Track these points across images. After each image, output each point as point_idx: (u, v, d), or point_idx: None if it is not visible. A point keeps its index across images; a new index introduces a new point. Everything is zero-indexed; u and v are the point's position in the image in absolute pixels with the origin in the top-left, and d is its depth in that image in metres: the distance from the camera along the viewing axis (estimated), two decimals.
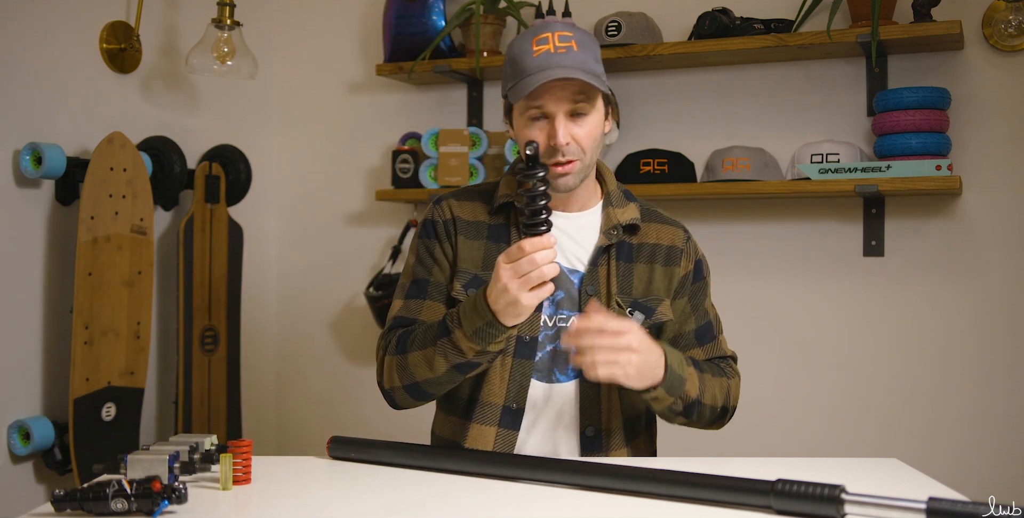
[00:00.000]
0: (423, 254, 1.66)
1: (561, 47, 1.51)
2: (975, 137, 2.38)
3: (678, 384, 1.49)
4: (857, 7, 2.36)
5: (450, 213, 1.67)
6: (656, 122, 2.68)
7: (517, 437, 1.58)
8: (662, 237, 1.66)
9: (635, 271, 1.62)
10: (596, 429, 1.58)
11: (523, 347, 1.58)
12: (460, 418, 1.63)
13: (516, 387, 1.58)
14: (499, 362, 1.58)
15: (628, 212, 1.65)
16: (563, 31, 1.53)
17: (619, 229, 1.62)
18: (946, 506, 1.09)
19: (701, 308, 1.69)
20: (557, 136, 1.51)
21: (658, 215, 1.70)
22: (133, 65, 2.51)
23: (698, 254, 1.71)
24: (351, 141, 3.02)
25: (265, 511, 1.26)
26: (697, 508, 1.22)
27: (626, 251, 1.63)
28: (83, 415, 2.22)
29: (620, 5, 2.64)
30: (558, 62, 1.50)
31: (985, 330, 2.38)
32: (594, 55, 1.55)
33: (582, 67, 1.50)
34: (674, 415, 1.56)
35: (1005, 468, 2.34)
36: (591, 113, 1.54)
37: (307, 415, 3.07)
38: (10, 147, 2.18)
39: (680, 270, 1.65)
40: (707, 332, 1.69)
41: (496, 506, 1.27)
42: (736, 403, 1.66)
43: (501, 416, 1.58)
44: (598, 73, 1.54)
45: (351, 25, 3.03)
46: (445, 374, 1.52)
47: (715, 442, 2.57)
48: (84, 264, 2.22)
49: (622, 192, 1.69)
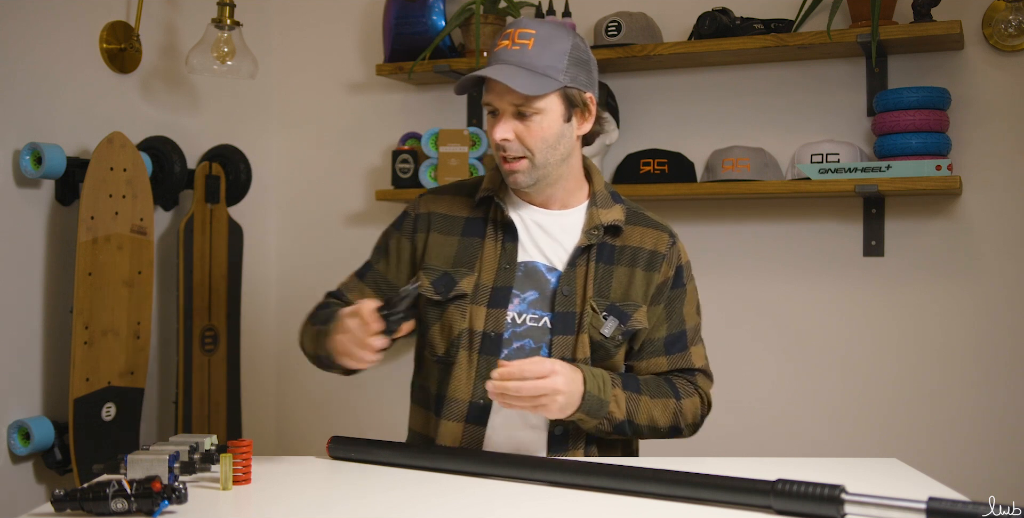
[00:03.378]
0: (382, 242, 1.75)
1: (517, 44, 1.52)
2: (975, 137, 2.38)
3: (598, 407, 1.51)
4: (857, 7, 2.36)
5: (426, 208, 1.70)
6: (656, 122, 2.68)
7: (484, 433, 1.59)
8: (645, 241, 1.65)
9: (615, 274, 1.62)
10: (564, 428, 1.59)
11: (489, 343, 1.59)
12: (430, 413, 1.65)
13: (482, 383, 1.58)
14: (465, 358, 1.59)
15: (612, 213, 1.64)
16: (527, 28, 1.53)
17: (600, 230, 1.62)
18: (946, 506, 1.09)
19: (677, 316, 1.68)
20: (494, 133, 1.55)
21: (644, 218, 1.69)
22: (133, 65, 2.51)
23: (681, 260, 1.69)
24: (351, 141, 3.02)
25: (265, 511, 1.26)
26: (697, 508, 1.22)
27: (607, 253, 1.62)
28: (83, 415, 2.22)
29: (620, 5, 2.64)
30: (505, 59, 1.52)
31: (985, 330, 2.38)
32: (555, 54, 1.53)
33: (528, 66, 1.50)
34: (605, 434, 1.57)
35: (1005, 468, 2.34)
36: (539, 113, 1.53)
37: (307, 415, 3.07)
38: (10, 147, 2.18)
39: (659, 276, 1.64)
40: (677, 341, 1.68)
41: (496, 506, 1.27)
42: (695, 421, 1.65)
43: (468, 412, 1.59)
44: (551, 73, 1.52)
45: (351, 25, 3.03)
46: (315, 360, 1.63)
47: (715, 442, 2.57)
48: (84, 264, 2.22)
49: (609, 193, 1.69)
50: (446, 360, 1.62)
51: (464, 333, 1.60)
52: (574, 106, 1.57)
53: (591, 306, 1.58)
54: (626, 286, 1.62)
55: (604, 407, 1.52)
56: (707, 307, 2.65)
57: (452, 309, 1.61)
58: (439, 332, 1.63)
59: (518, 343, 1.59)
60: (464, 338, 1.60)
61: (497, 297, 1.60)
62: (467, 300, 1.60)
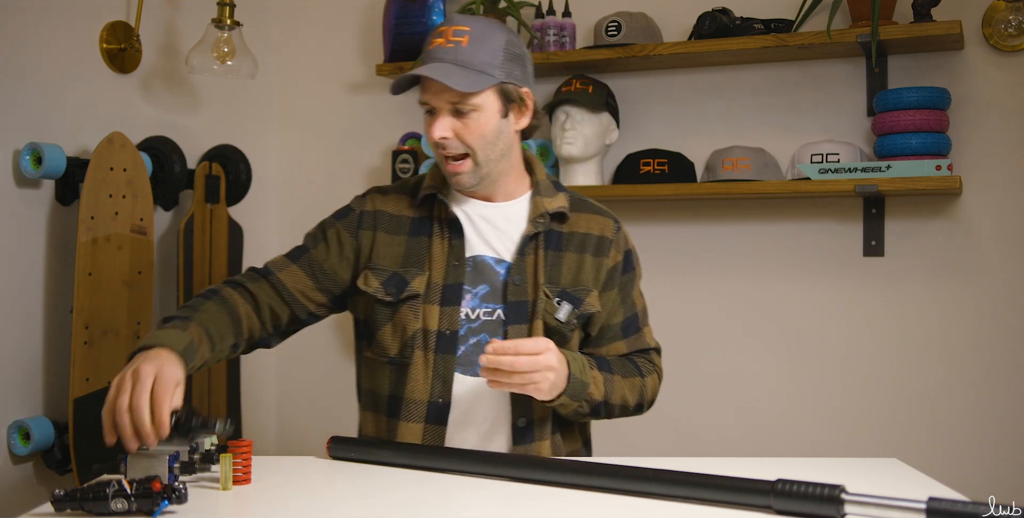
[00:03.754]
0: (318, 231, 1.71)
1: (452, 42, 1.52)
2: (975, 137, 2.38)
3: (580, 389, 1.52)
4: (857, 7, 2.36)
5: (372, 206, 1.69)
6: (656, 122, 2.68)
7: (445, 432, 1.59)
8: (592, 227, 1.66)
9: (564, 260, 1.63)
10: (528, 420, 1.59)
11: (444, 342, 1.58)
12: (386, 416, 1.63)
13: (440, 382, 1.58)
14: (421, 358, 1.59)
15: (556, 201, 1.65)
16: (460, 25, 1.54)
17: (546, 217, 1.62)
18: (946, 506, 1.09)
19: (629, 299, 1.70)
20: (431, 131, 1.55)
21: (589, 205, 1.71)
22: (133, 65, 2.51)
23: (628, 245, 1.71)
24: (351, 141, 3.02)
25: (265, 511, 1.26)
26: (697, 508, 1.22)
27: (555, 240, 1.63)
28: (83, 415, 2.22)
29: (620, 5, 2.64)
30: (440, 57, 1.52)
31: (985, 330, 2.38)
32: (490, 50, 1.53)
33: (462, 63, 1.51)
34: (581, 417, 1.59)
35: (1005, 468, 2.34)
36: (477, 110, 1.54)
37: (307, 415, 3.07)
38: (10, 147, 2.18)
39: (608, 261, 1.66)
40: (632, 324, 1.70)
41: (495, 506, 1.27)
42: (653, 397, 1.70)
43: (427, 412, 1.59)
44: (486, 69, 1.52)
45: (351, 25, 3.03)
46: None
47: (715, 442, 2.57)
48: (84, 264, 2.21)
49: (552, 183, 1.70)
50: (400, 361, 1.61)
51: (419, 333, 1.59)
52: (511, 101, 1.58)
53: (544, 292, 1.59)
54: (576, 272, 1.63)
55: (585, 389, 1.53)
56: (708, 307, 2.66)
57: (405, 309, 1.60)
58: (390, 333, 1.62)
59: (474, 339, 1.59)
60: (419, 338, 1.59)
61: (449, 295, 1.60)
62: (420, 300, 1.59)
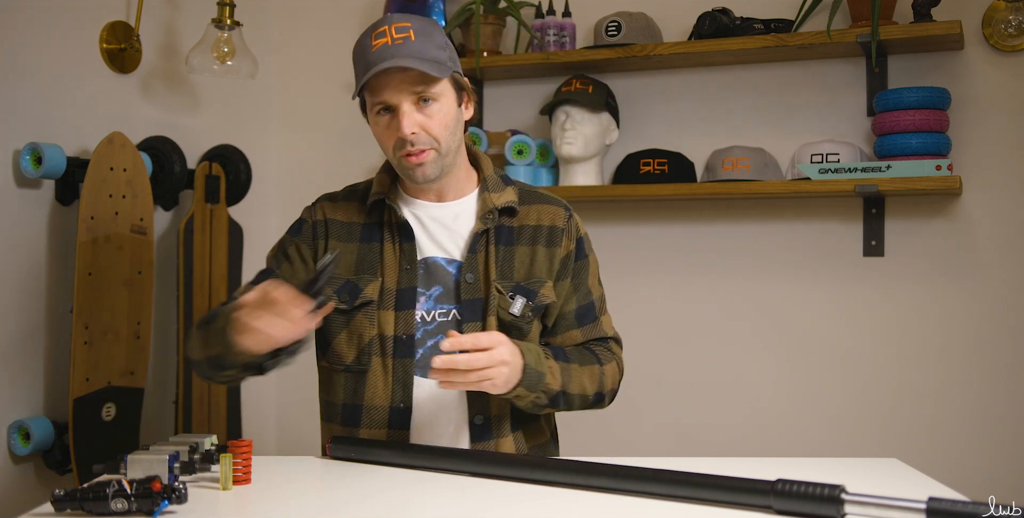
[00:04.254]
0: (278, 251, 1.71)
1: (398, 38, 1.51)
2: (975, 137, 2.38)
3: (537, 380, 1.50)
4: (857, 7, 2.36)
5: (323, 215, 1.69)
6: (656, 122, 2.68)
7: (409, 436, 1.58)
8: (543, 217, 1.65)
9: (516, 254, 1.62)
10: (485, 417, 1.59)
11: (401, 346, 1.58)
12: (347, 426, 1.63)
13: (401, 387, 1.58)
14: (379, 364, 1.59)
15: (505, 196, 1.64)
16: (400, 22, 1.54)
17: (495, 213, 1.62)
18: (946, 506, 1.09)
19: (583, 287, 1.68)
20: (402, 127, 1.52)
21: (538, 195, 1.70)
22: (133, 65, 2.51)
23: (579, 232, 1.70)
24: (351, 141, 3.02)
25: (265, 511, 1.26)
26: (697, 508, 1.22)
27: (505, 235, 1.63)
28: (83, 415, 2.22)
29: (620, 5, 2.64)
30: (394, 53, 1.50)
31: (985, 330, 2.38)
32: (435, 43, 1.54)
33: (419, 55, 1.50)
34: (540, 408, 1.56)
35: (1005, 468, 2.34)
36: (438, 100, 1.54)
37: (307, 415, 3.06)
38: (10, 147, 2.18)
39: (561, 251, 1.65)
40: (588, 313, 1.68)
41: (495, 506, 1.27)
42: (614, 387, 1.67)
43: (390, 417, 1.58)
44: (440, 60, 1.53)
45: (351, 25, 3.02)
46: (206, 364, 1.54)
47: (715, 442, 2.57)
48: (84, 264, 2.22)
49: (500, 177, 1.69)
50: (356, 368, 1.61)
51: (375, 339, 1.59)
52: (462, 90, 1.60)
53: (496, 288, 1.59)
54: (528, 265, 1.62)
55: (542, 379, 1.51)
56: (708, 307, 2.67)
57: (360, 317, 1.60)
58: (346, 341, 1.62)
59: (431, 341, 1.59)
60: (375, 344, 1.59)
61: (403, 299, 1.59)
62: (374, 306, 1.59)
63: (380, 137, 1.58)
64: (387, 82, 1.52)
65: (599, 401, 1.65)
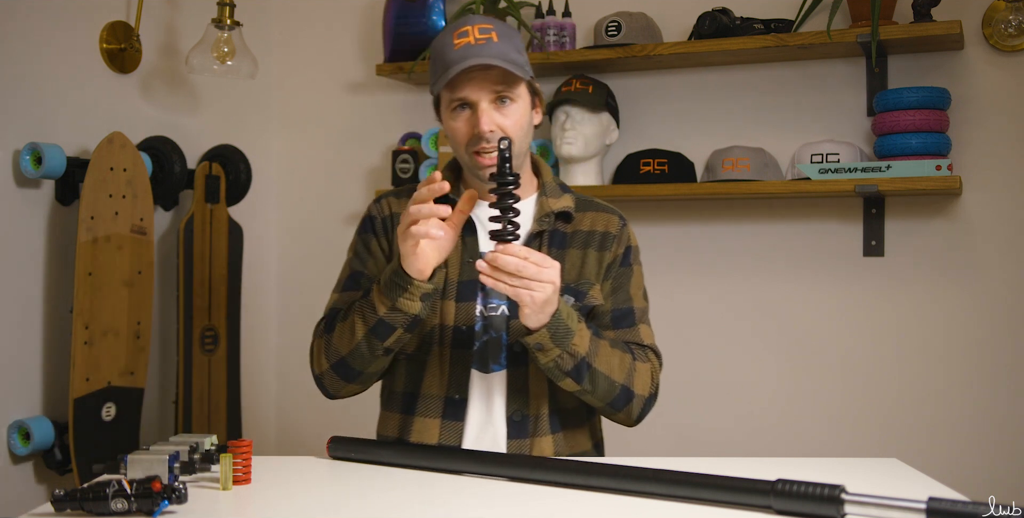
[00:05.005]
0: (360, 249, 1.70)
1: (481, 39, 1.53)
2: (975, 137, 2.38)
3: (564, 333, 1.47)
4: (857, 7, 2.36)
5: (388, 210, 1.70)
6: (656, 122, 2.68)
7: (463, 428, 1.59)
8: (597, 224, 1.67)
9: (567, 257, 1.64)
10: (523, 414, 1.59)
11: (460, 337, 1.60)
12: (403, 413, 1.64)
13: (456, 377, 1.59)
14: (437, 354, 1.60)
15: (562, 201, 1.67)
16: (483, 24, 1.56)
17: (551, 216, 1.64)
18: (946, 506, 1.09)
19: (623, 292, 1.68)
20: (480, 123, 1.53)
21: (594, 204, 1.72)
22: (133, 65, 2.51)
23: (630, 242, 1.71)
24: (351, 141, 3.02)
25: (265, 511, 1.26)
26: (697, 508, 1.22)
27: (559, 239, 1.65)
28: (83, 415, 2.22)
29: (620, 5, 2.64)
30: (477, 52, 1.52)
31: (985, 330, 2.38)
32: (515, 46, 1.57)
33: (502, 56, 1.52)
34: (563, 375, 1.51)
35: (1005, 468, 2.34)
36: (515, 101, 1.56)
37: (307, 415, 3.07)
38: (10, 147, 2.18)
39: (609, 255, 1.66)
40: (625, 316, 1.67)
41: (496, 506, 1.27)
42: (643, 393, 1.60)
43: (444, 408, 1.60)
44: (520, 63, 1.56)
45: (351, 25, 3.03)
46: (364, 341, 1.52)
47: (715, 442, 2.57)
48: (84, 264, 2.22)
49: (558, 185, 1.72)
50: (417, 357, 1.63)
51: (436, 329, 1.61)
52: (535, 95, 1.63)
53: None
54: (579, 267, 1.64)
55: (570, 336, 1.48)
56: (708, 307, 2.67)
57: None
58: None
59: (485, 336, 1.61)
60: (436, 334, 1.61)
61: (464, 291, 1.61)
62: (437, 296, 1.61)
63: (453, 133, 1.59)
64: (469, 80, 1.54)
65: (627, 400, 1.58)
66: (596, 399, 1.57)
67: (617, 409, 1.59)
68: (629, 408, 1.60)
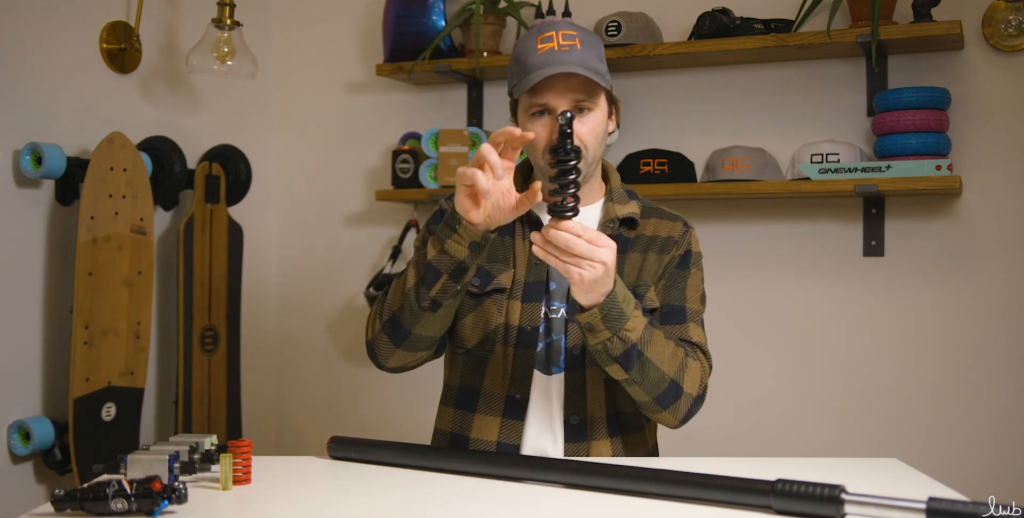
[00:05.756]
0: (427, 237, 1.68)
1: (565, 45, 1.54)
2: (975, 137, 2.38)
3: (616, 317, 1.43)
4: (857, 7, 2.36)
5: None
6: (656, 122, 2.68)
7: (522, 427, 1.59)
8: (660, 230, 1.68)
9: (627, 260, 1.64)
10: (580, 418, 1.59)
11: (525, 337, 1.60)
12: (464, 410, 1.65)
13: (519, 377, 1.60)
14: (501, 352, 1.61)
15: (628, 208, 1.68)
16: (567, 30, 1.56)
17: (616, 222, 1.65)
18: (946, 506, 1.09)
19: (677, 291, 1.67)
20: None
21: (660, 211, 1.73)
22: (133, 65, 2.51)
23: (691, 246, 1.71)
24: (351, 141, 3.02)
25: (265, 511, 1.26)
26: (697, 508, 1.22)
27: (621, 244, 1.64)
28: (83, 415, 2.22)
29: (620, 5, 2.64)
30: (561, 59, 1.53)
31: (985, 330, 2.38)
32: (597, 54, 1.58)
33: (584, 64, 1.53)
34: (611, 360, 1.47)
35: (1005, 468, 2.34)
36: (594, 109, 1.57)
37: (307, 415, 3.07)
38: (10, 147, 2.18)
39: (668, 257, 1.67)
40: (676, 313, 1.65)
41: (496, 506, 1.27)
42: (696, 392, 1.56)
43: (505, 406, 1.60)
44: (601, 71, 1.56)
45: (351, 25, 3.03)
46: (413, 291, 1.49)
47: (715, 442, 2.57)
48: (84, 264, 2.22)
49: (625, 191, 1.72)
50: (478, 353, 1.63)
51: (500, 327, 1.61)
52: (612, 104, 1.64)
53: None
54: (639, 270, 1.64)
55: (622, 320, 1.44)
56: (708, 307, 2.65)
57: (488, 303, 1.62)
58: (471, 324, 1.64)
59: (548, 338, 1.61)
60: (500, 332, 1.61)
61: (531, 291, 1.62)
62: (504, 295, 1.62)
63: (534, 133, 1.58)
64: (550, 86, 1.53)
65: (675, 397, 1.52)
66: (643, 391, 1.51)
67: (664, 406, 1.53)
68: (676, 406, 1.53)
